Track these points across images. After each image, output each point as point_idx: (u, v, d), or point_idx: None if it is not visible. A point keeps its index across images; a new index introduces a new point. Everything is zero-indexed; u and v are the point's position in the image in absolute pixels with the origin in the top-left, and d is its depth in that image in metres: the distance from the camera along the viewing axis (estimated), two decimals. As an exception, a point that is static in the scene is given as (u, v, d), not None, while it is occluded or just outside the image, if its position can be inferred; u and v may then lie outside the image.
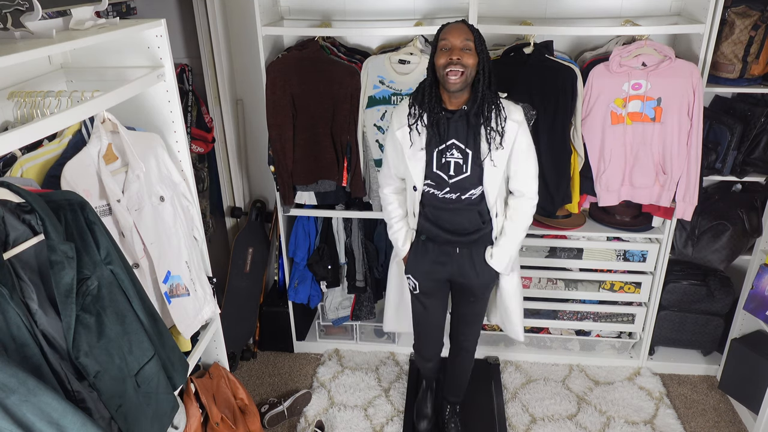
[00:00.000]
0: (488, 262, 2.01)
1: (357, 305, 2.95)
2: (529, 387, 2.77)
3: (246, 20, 2.75)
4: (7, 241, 1.09)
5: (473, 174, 1.89)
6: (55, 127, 1.26)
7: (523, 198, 1.97)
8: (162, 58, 1.69)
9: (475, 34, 1.78)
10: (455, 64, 1.74)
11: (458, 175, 1.90)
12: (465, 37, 1.75)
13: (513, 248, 1.99)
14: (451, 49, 1.75)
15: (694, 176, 2.36)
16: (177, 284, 1.71)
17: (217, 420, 1.95)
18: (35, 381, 0.95)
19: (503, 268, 2.02)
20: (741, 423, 2.57)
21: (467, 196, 1.92)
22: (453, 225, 1.98)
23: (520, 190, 1.96)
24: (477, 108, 1.83)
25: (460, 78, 1.75)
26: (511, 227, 1.98)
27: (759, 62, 2.36)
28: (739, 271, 2.73)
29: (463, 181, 1.91)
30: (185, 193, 1.80)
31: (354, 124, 2.48)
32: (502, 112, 1.84)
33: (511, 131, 1.85)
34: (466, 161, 1.88)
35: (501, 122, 1.84)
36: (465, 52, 1.75)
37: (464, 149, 1.88)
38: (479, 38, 1.79)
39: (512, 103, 1.90)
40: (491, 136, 1.83)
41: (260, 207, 3.09)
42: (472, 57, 1.76)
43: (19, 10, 1.24)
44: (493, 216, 1.96)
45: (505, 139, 1.84)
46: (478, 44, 1.78)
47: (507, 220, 1.98)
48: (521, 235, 1.99)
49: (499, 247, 1.99)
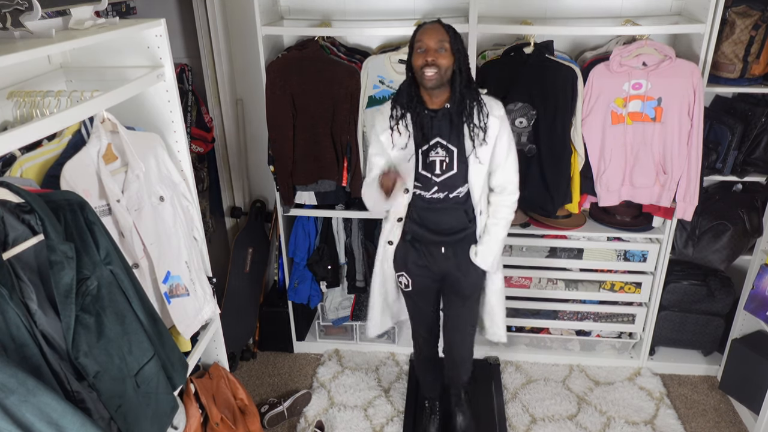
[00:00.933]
0: (473, 260, 2.01)
1: (357, 305, 2.95)
2: (530, 387, 2.77)
3: (246, 20, 2.75)
4: (6, 241, 1.09)
5: (460, 172, 1.90)
6: (54, 127, 1.26)
7: (504, 193, 1.98)
8: (162, 57, 1.69)
9: (450, 33, 1.79)
10: (430, 66, 1.76)
11: (445, 173, 1.91)
12: (439, 38, 1.77)
13: (497, 245, 2.00)
14: (426, 50, 1.77)
15: (695, 176, 2.36)
16: (177, 284, 1.71)
17: (216, 420, 1.95)
18: (35, 381, 0.95)
19: (489, 265, 2.02)
20: (741, 423, 2.56)
21: (455, 194, 1.93)
22: (439, 225, 1.99)
23: (502, 185, 1.97)
24: (459, 106, 1.84)
25: (435, 75, 1.77)
26: (494, 224, 1.98)
27: (759, 62, 2.36)
28: (740, 271, 2.72)
29: (451, 179, 1.91)
30: (185, 193, 1.80)
31: (354, 124, 2.48)
32: (484, 108, 1.86)
33: (493, 127, 1.87)
34: (452, 159, 1.89)
35: (483, 118, 1.86)
36: (440, 53, 1.77)
37: (449, 147, 1.89)
38: (455, 37, 1.80)
39: (493, 99, 1.92)
40: (475, 132, 1.85)
41: (260, 207, 3.09)
42: (446, 57, 1.77)
43: (18, 10, 1.24)
44: (477, 214, 1.97)
45: (488, 135, 1.86)
46: (453, 44, 1.78)
47: (490, 217, 1.99)
48: (505, 232, 2.00)
49: (484, 244, 1.99)
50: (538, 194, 2.46)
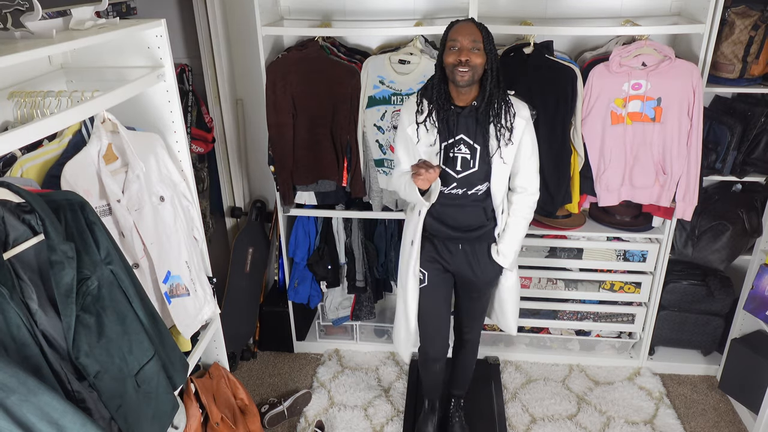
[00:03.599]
0: (495, 259, 2.04)
1: (357, 305, 2.95)
2: (529, 387, 2.77)
3: (246, 20, 2.75)
4: (7, 241, 1.09)
5: (480, 170, 1.92)
6: (55, 127, 1.26)
7: (525, 193, 2.00)
8: (162, 58, 1.69)
9: (483, 33, 1.80)
10: (464, 65, 1.76)
11: (465, 170, 1.92)
12: (473, 37, 1.77)
13: (518, 243, 2.03)
14: (460, 49, 1.77)
15: (694, 176, 2.36)
16: (177, 284, 1.71)
17: (217, 420, 1.95)
18: (35, 381, 0.95)
19: (509, 263, 2.05)
20: (741, 423, 2.56)
21: (473, 191, 1.95)
22: (457, 221, 2.00)
23: (523, 186, 1.99)
24: (486, 104, 1.85)
25: (468, 74, 1.78)
26: (515, 223, 2.01)
27: (759, 62, 2.36)
28: (739, 271, 2.73)
29: (470, 177, 1.93)
30: (185, 193, 1.80)
31: (354, 124, 2.48)
32: (512, 109, 1.87)
33: (519, 127, 1.88)
34: (474, 157, 1.91)
35: (510, 119, 1.86)
36: (473, 52, 1.77)
37: (472, 144, 1.90)
38: (488, 37, 1.80)
39: (520, 101, 1.93)
40: (501, 132, 1.86)
41: (260, 207, 3.09)
42: (480, 56, 1.78)
43: (19, 10, 1.24)
44: (498, 213, 1.99)
45: (514, 135, 1.87)
46: (486, 43, 1.79)
47: (511, 216, 2.01)
48: (524, 231, 2.03)
49: (505, 243, 2.02)
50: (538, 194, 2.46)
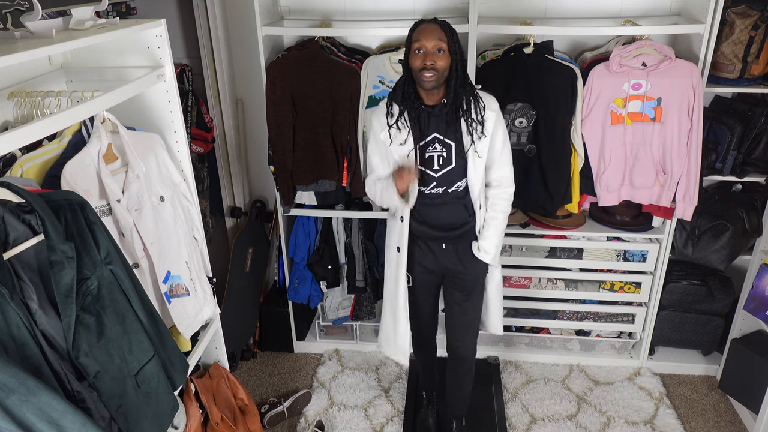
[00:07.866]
0: (477, 255, 2.02)
1: (357, 305, 2.95)
2: (529, 387, 2.77)
3: (246, 20, 2.75)
4: (7, 241, 1.09)
5: (458, 166, 1.92)
6: (55, 127, 1.26)
7: (501, 187, 2.00)
8: (162, 58, 1.69)
9: (448, 33, 1.78)
10: (428, 69, 1.76)
11: (443, 168, 1.92)
12: (438, 38, 1.76)
13: (499, 238, 2.02)
14: (425, 53, 1.76)
15: (694, 176, 2.36)
16: (177, 284, 1.71)
17: (217, 420, 1.95)
18: (35, 381, 0.95)
19: (491, 258, 2.03)
20: (741, 423, 2.57)
21: (453, 189, 1.95)
22: (439, 221, 2.00)
23: (498, 179, 1.99)
24: (455, 101, 1.85)
25: (434, 78, 1.78)
26: (492, 217, 2.00)
27: (759, 62, 2.36)
28: (739, 271, 2.73)
29: (449, 174, 1.93)
30: (185, 193, 1.80)
31: (354, 124, 2.48)
32: (481, 102, 1.87)
33: (490, 120, 1.88)
34: (450, 154, 1.91)
35: (481, 112, 1.87)
36: (438, 55, 1.76)
37: (446, 142, 1.90)
38: (452, 37, 1.79)
39: (487, 94, 1.93)
40: (473, 126, 1.86)
41: (260, 207, 3.09)
42: (444, 59, 1.77)
43: (19, 10, 1.24)
44: (477, 208, 1.98)
45: (486, 128, 1.88)
46: (451, 44, 1.78)
47: (489, 211, 2.00)
48: (504, 224, 2.03)
49: (486, 239, 2.01)
50: (538, 194, 2.46)
